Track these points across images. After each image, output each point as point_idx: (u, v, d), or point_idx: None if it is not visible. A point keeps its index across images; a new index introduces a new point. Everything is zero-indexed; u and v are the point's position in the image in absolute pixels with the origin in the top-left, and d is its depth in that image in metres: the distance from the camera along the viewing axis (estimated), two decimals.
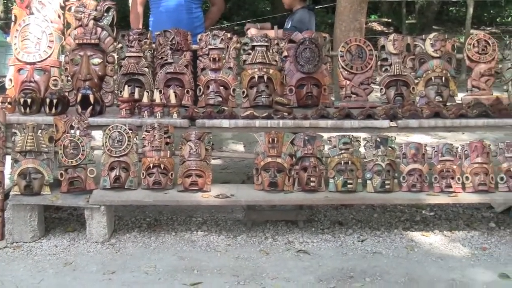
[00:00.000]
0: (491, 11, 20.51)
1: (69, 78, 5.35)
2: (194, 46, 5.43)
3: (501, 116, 4.95)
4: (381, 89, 5.33)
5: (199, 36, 5.42)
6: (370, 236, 4.97)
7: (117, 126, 4.90)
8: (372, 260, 4.57)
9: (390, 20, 19.67)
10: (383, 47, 5.39)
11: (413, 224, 5.26)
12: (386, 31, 18.71)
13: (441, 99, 5.24)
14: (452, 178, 4.90)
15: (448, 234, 5.06)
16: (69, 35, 5.40)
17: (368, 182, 4.91)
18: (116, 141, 4.88)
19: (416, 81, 5.32)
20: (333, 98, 5.70)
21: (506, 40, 5.45)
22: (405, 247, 4.81)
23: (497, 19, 20.57)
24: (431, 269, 4.45)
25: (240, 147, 7.80)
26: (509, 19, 20.32)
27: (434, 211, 5.54)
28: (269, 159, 4.86)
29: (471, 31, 13.50)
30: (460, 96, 5.38)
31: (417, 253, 4.72)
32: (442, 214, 5.50)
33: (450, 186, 4.88)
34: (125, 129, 4.89)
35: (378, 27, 19.56)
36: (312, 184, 4.82)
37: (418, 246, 4.84)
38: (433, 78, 5.28)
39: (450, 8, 21.78)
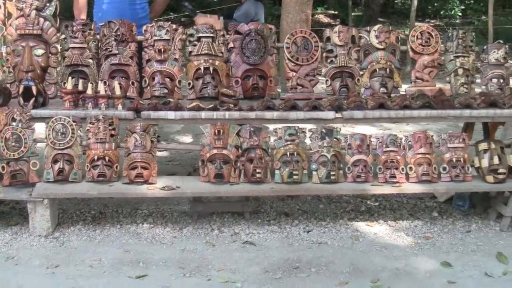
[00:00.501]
0: (435, 4, 20.80)
1: (11, 70, 5.25)
2: (139, 37, 5.37)
3: (444, 107, 5.03)
4: (327, 80, 5.36)
5: (144, 27, 5.37)
6: (315, 227, 5.01)
7: (60, 118, 4.83)
8: (317, 251, 4.61)
9: (336, 12, 19.80)
10: (328, 38, 5.42)
11: (358, 214, 5.32)
12: (333, 23, 18.82)
13: (385, 91, 5.30)
14: (396, 168, 4.96)
15: (392, 224, 5.14)
16: (11, 25, 5.29)
17: (314, 173, 4.94)
18: (59, 133, 4.82)
19: (361, 72, 5.37)
20: (279, 90, 5.71)
21: (449, 32, 5.53)
22: (350, 237, 4.86)
23: (441, 12, 20.86)
24: (376, 259, 4.51)
25: (188, 139, 7.77)
26: (452, 12, 20.62)
27: (379, 201, 5.62)
28: (215, 151, 4.86)
29: (416, 23, 13.66)
30: (404, 88, 5.44)
31: (362, 243, 4.78)
32: (387, 204, 5.58)
33: (394, 177, 4.95)
34: (69, 121, 4.83)
35: (324, 19, 19.66)
36: (258, 175, 4.84)
37: (363, 236, 4.90)
38: (377, 69, 5.33)
39: (396, 1, 22.02)
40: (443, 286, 4.15)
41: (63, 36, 5.30)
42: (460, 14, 20.78)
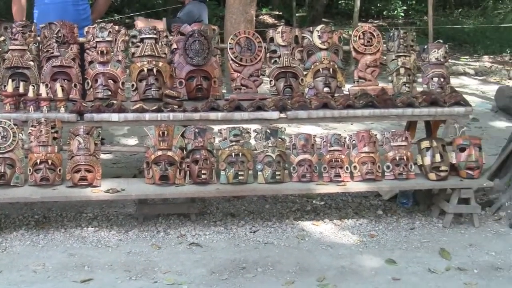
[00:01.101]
0: (378, 5, 21.05)
1: None
2: (81, 39, 5.32)
3: (386, 106, 5.10)
4: (271, 81, 5.37)
5: (86, 29, 5.31)
6: (262, 227, 5.03)
7: (1, 121, 4.75)
8: (264, 251, 4.63)
9: (281, 13, 19.88)
10: (271, 39, 5.44)
11: (304, 214, 5.36)
12: (278, 24, 18.88)
13: (329, 90, 5.33)
14: (341, 167, 5.01)
15: (337, 222, 5.18)
16: None
17: (259, 173, 4.95)
18: (0, 137, 4.73)
19: (304, 72, 5.39)
20: (225, 91, 5.71)
21: (390, 32, 5.60)
22: (296, 236, 4.89)
23: (384, 12, 21.13)
24: (322, 258, 4.55)
25: (133, 141, 7.71)
26: (395, 12, 20.90)
27: (324, 201, 5.66)
28: (160, 153, 4.83)
29: (359, 24, 13.80)
30: (347, 87, 5.49)
31: (307, 242, 4.81)
32: (332, 203, 5.62)
33: (339, 176, 5.00)
34: (10, 125, 4.75)
35: (269, 19, 19.72)
36: (203, 176, 4.83)
37: (309, 235, 4.93)
38: (321, 69, 5.37)
39: (340, 1, 22.20)
40: (388, 283, 4.20)
41: (2, 38, 5.20)
42: (402, 14, 21.07)
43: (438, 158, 5.04)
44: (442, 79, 5.50)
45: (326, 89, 5.34)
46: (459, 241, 4.88)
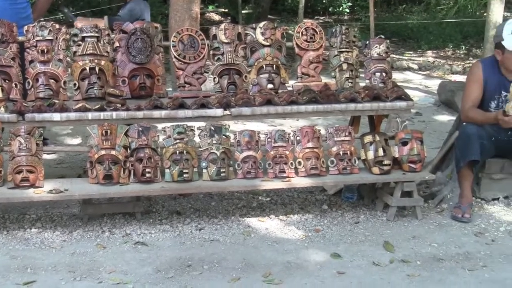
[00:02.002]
0: (324, 1, 21.16)
1: None
2: (20, 38, 5.23)
3: (329, 102, 5.14)
4: (214, 78, 5.37)
5: (25, 28, 5.23)
6: (208, 224, 5.03)
7: None
8: (209, 248, 4.63)
9: (227, 10, 19.86)
10: (214, 36, 5.43)
11: (250, 210, 5.37)
12: (224, 21, 18.88)
13: (273, 87, 5.36)
14: (285, 163, 5.04)
15: (283, 218, 5.21)
16: None
17: (204, 171, 4.95)
18: None
19: (248, 69, 5.40)
20: (170, 89, 5.69)
21: (333, 28, 5.64)
22: (242, 233, 4.90)
23: (330, 9, 21.26)
24: (267, 253, 4.56)
25: (77, 141, 7.63)
26: (341, 9, 21.05)
27: (270, 197, 5.68)
28: (103, 152, 4.80)
29: (305, 20, 13.88)
30: (291, 83, 5.52)
31: (253, 238, 4.82)
32: (278, 199, 5.65)
33: (284, 171, 5.02)
34: None
35: (216, 17, 19.69)
36: (148, 175, 4.81)
37: (255, 231, 4.95)
38: (264, 66, 5.38)
39: None
40: (333, 277, 4.24)
41: None
42: (347, 11, 21.22)
43: (381, 152, 5.11)
44: (384, 74, 5.56)
45: (270, 86, 5.36)
46: (403, 234, 4.95)
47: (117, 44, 5.26)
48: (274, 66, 5.40)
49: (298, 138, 5.12)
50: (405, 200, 5.19)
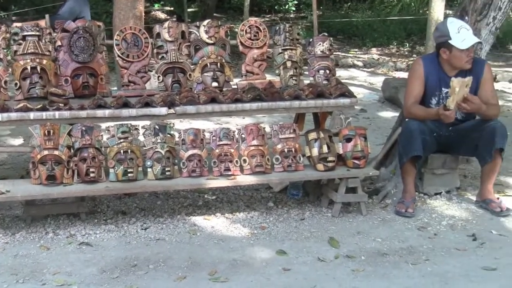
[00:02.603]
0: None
1: None
2: None
3: (274, 99, 5.16)
4: (159, 76, 5.34)
5: None
6: (153, 224, 5.00)
7: None
8: (155, 247, 4.61)
9: (172, 9, 19.76)
10: (158, 34, 5.40)
11: (196, 209, 5.36)
12: (170, 19, 18.79)
13: (217, 85, 5.35)
14: (230, 161, 5.04)
15: (229, 216, 5.21)
16: None
17: (149, 170, 4.92)
18: None
19: (192, 67, 5.39)
20: (115, 88, 5.63)
21: (276, 26, 5.67)
22: (188, 232, 4.89)
23: (276, 7, 21.33)
24: (213, 251, 4.56)
25: (20, 141, 7.50)
26: (287, 7, 21.13)
27: (216, 195, 5.68)
28: (46, 152, 4.73)
29: (252, 18, 13.87)
30: (236, 81, 5.52)
31: (199, 237, 4.82)
32: (224, 197, 5.65)
33: (229, 169, 5.02)
34: None
35: (161, 15, 19.59)
36: (92, 175, 4.76)
37: (201, 230, 4.94)
38: (208, 64, 5.37)
39: None
40: (279, 274, 4.26)
41: None
42: (293, 9, 21.32)
43: (325, 149, 5.14)
44: (328, 72, 5.60)
45: (214, 84, 5.35)
46: (348, 229, 5.00)
47: (59, 43, 5.20)
48: (219, 64, 5.39)
49: (243, 136, 5.13)
50: (349, 196, 5.24)
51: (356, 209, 5.34)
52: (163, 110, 4.97)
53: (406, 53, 15.60)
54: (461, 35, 5.24)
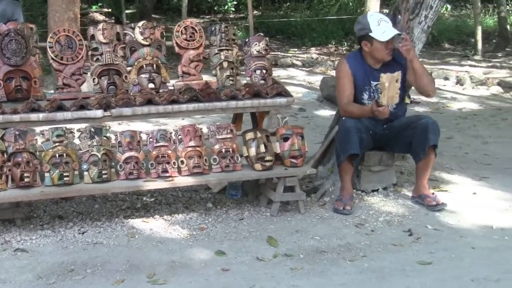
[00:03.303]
0: (209, 0, 21.23)
1: None
2: None
3: (210, 100, 5.14)
4: (94, 79, 5.28)
5: None
6: (91, 228, 4.94)
7: None
8: (93, 251, 4.56)
9: (110, 10, 19.59)
10: (92, 36, 5.34)
11: (134, 211, 5.32)
12: (108, 21, 18.61)
13: (154, 86, 5.31)
14: (168, 163, 5.02)
15: (168, 218, 5.19)
16: None
17: (85, 173, 4.87)
18: None
19: (128, 69, 5.34)
20: (52, 91, 5.54)
21: (212, 27, 5.66)
22: (126, 234, 4.85)
23: (215, 8, 21.34)
24: (152, 254, 4.54)
25: None
26: (226, 8, 21.16)
27: (155, 197, 5.64)
28: None
29: (191, 19, 13.83)
30: (172, 82, 5.49)
31: (138, 239, 4.78)
32: (163, 199, 5.61)
33: (167, 171, 5.00)
34: None
35: (99, 17, 19.40)
36: (26, 180, 4.68)
37: (139, 232, 4.90)
38: (144, 66, 5.33)
39: None
40: (218, 274, 4.26)
41: None
42: (233, 9, 21.37)
43: (262, 148, 5.15)
44: (264, 71, 5.60)
45: (150, 85, 5.31)
46: (286, 228, 5.02)
47: None
48: (155, 65, 5.35)
49: (180, 137, 5.11)
50: (288, 195, 5.26)
51: (294, 208, 5.37)
52: (99, 113, 4.91)
53: (344, 52, 15.76)
54: (381, 27, 5.34)
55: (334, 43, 16.79)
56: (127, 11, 18.63)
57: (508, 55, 15.37)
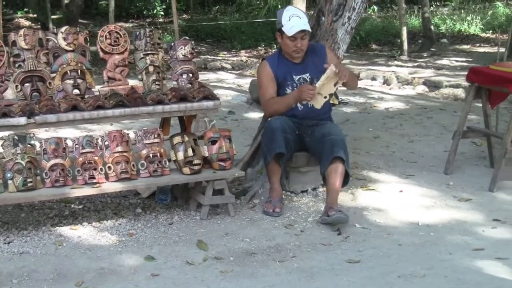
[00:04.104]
0: (138, 4, 21.08)
1: None
2: None
3: (137, 105, 5.10)
4: (16, 86, 5.17)
5: None
6: (17, 237, 4.86)
7: None
8: (19, 261, 4.48)
9: (36, 16, 19.26)
10: (14, 42, 5.24)
11: (62, 219, 5.24)
12: (34, 27, 18.30)
13: (78, 92, 5.24)
14: (95, 169, 4.97)
15: (96, 225, 5.13)
16: None
17: (10, 182, 4.78)
18: None
19: (52, 75, 5.26)
20: None
21: (136, 31, 5.62)
22: (54, 243, 4.79)
23: (144, 12, 21.21)
24: (80, 261, 4.50)
25: None
26: (155, 11, 21.06)
27: (83, 204, 5.57)
28: None
29: (120, 24, 13.74)
30: (98, 88, 5.43)
31: (65, 247, 4.72)
32: (91, 205, 5.55)
33: (94, 177, 4.95)
34: None
35: (25, 23, 19.04)
36: None
37: (67, 240, 4.84)
38: (69, 71, 5.24)
39: (100, 2, 21.96)
40: (147, 280, 4.25)
41: None
42: (162, 13, 21.28)
43: (190, 152, 5.15)
44: (191, 75, 5.58)
45: (75, 91, 5.23)
46: (216, 231, 5.03)
47: None
48: (79, 71, 5.28)
49: (106, 143, 5.06)
50: (217, 198, 5.27)
51: (224, 211, 5.39)
52: (22, 120, 4.81)
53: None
54: (291, 22, 5.42)
55: (263, 45, 16.87)
56: (54, 17, 18.35)
57: (433, 55, 15.69)
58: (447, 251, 4.70)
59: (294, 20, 5.42)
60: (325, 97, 5.31)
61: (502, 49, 8.49)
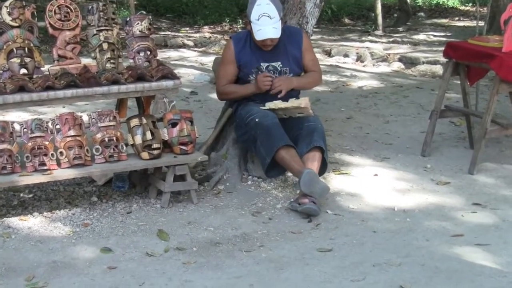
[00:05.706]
0: None
1: None
2: None
3: (90, 85, 5.06)
4: None
5: None
6: None
7: None
8: None
9: None
10: None
11: (10, 209, 5.19)
12: None
13: (26, 72, 5.18)
14: (45, 155, 4.92)
15: (48, 215, 5.10)
16: None
17: None
18: None
19: None
20: None
21: (89, 5, 5.56)
22: (2, 235, 4.76)
23: None
24: (31, 255, 4.48)
25: None
26: None
27: (34, 193, 5.52)
28: None
29: None
30: (47, 67, 5.38)
31: (14, 239, 4.70)
32: (42, 194, 5.50)
33: (44, 164, 4.91)
34: None
35: None
36: None
37: (16, 232, 4.82)
38: (15, 49, 5.18)
39: None
40: (104, 273, 4.25)
41: None
42: None
43: (149, 135, 5.13)
44: (148, 52, 5.53)
45: (23, 71, 5.16)
46: (178, 220, 5.03)
47: None
48: (26, 49, 5.21)
49: (57, 126, 5.02)
50: (178, 184, 5.26)
51: (186, 198, 5.38)
52: None
53: (239, 29, 15.81)
54: (259, 24, 5.38)
55: (228, 21, 16.82)
56: None
57: (409, 29, 15.80)
58: (424, 237, 4.76)
59: (263, 21, 5.35)
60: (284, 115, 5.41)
61: (482, 23, 8.57)
